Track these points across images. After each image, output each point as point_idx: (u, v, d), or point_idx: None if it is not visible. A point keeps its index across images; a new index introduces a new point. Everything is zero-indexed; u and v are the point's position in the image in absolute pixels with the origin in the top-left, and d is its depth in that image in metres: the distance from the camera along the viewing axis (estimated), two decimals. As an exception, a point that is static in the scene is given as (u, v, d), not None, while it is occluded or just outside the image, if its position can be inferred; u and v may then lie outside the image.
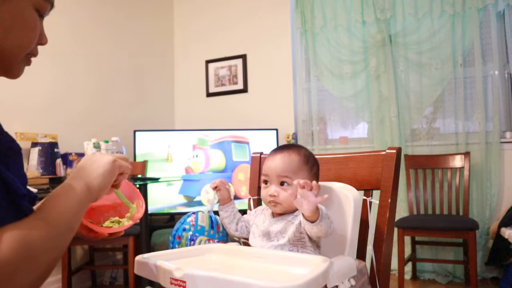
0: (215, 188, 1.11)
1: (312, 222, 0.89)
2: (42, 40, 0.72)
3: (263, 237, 1.02)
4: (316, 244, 0.99)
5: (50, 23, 3.10)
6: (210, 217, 0.96)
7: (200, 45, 3.89)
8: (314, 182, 0.87)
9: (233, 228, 1.11)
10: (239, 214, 1.13)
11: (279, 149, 1.07)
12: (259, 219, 1.06)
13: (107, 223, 0.83)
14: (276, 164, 1.02)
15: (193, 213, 1.12)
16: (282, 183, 1.01)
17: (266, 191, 1.02)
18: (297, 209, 0.97)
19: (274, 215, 1.04)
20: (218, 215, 1.14)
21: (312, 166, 1.05)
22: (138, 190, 0.90)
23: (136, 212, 0.87)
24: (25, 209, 0.61)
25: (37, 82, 2.71)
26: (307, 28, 3.36)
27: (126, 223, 0.83)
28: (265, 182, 1.04)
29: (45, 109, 2.75)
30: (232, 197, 1.14)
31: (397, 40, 3.09)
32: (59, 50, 2.87)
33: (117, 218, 0.86)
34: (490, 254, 2.62)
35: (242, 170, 3.23)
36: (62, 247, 0.64)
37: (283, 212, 1.02)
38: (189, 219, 1.98)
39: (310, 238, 0.97)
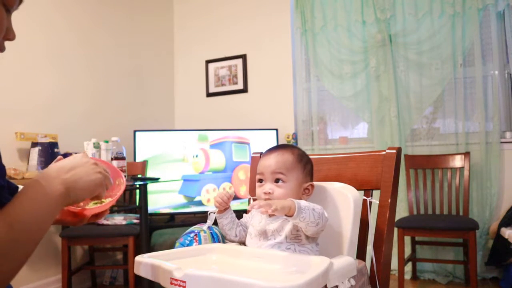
0: (221, 203, 1.07)
1: (290, 216, 0.90)
2: (9, 35, 0.70)
3: (260, 236, 1.02)
4: (314, 242, 0.99)
5: (51, 23, 3.09)
6: (211, 233, 0.96)
7: (200, 45, 3.89)
8: (260, 202, 0.88)
9: (233, 235, 1.10)
10: (237, 219, 1.14)
11: (273, 148, 1.09)
12: (255, 220, 1.07)
13: (90, 205, 0.85)
14: (270, 162, 1.04)
15: (195, 234, 1.08)
16: (276, 181, 1.03)
17: (261, 189, 1.04)
18: None
19: (270, 214, 1.05)
20: (216, 224, 1.13)
21: (306, 165, 1.06)
22: (117, 168, 0.92)
23: (118, 190, 0.89)
24: (3, 200, 0.59)
25: (37, 83, 2.71)
26: (307, 28, 3.35)
27: (107, 201, 0.85)
28: (260, 181, 1.06)
29: (45, 109, 2.75)
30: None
31: (397, 40, 3.08)
32: (59, 51, 2.88)
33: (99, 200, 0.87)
34: (490, 254, 2.62)
35: (242, 170, 3.23)
36: (22, 257, 0.57)
37: None
38: (193, 240, 1.94)
39: (307, 236, 0.97)
